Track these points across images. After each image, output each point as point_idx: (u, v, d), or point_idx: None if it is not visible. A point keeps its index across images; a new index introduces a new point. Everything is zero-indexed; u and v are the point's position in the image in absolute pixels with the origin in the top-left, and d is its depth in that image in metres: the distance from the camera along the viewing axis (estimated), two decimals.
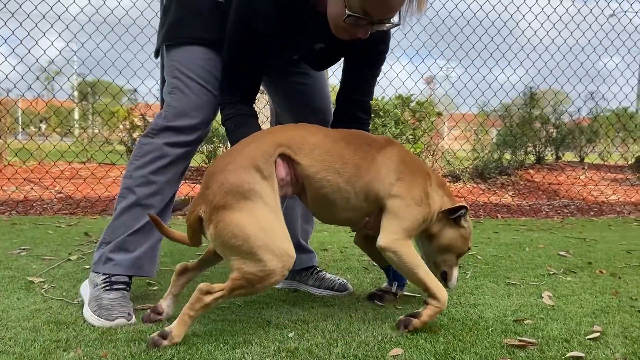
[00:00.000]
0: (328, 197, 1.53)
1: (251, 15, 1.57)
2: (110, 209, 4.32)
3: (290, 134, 1.52)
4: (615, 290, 1.96)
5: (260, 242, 1.36)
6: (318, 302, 1.80)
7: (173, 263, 2.33)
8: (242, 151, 1.46)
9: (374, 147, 1.59)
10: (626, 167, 7.69)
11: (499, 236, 3.31)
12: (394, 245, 1.52)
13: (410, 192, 1.56)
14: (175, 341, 1.37)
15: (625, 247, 2.90)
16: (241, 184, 1.39)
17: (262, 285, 1.39)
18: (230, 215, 1.36)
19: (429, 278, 1.54)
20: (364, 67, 1.80)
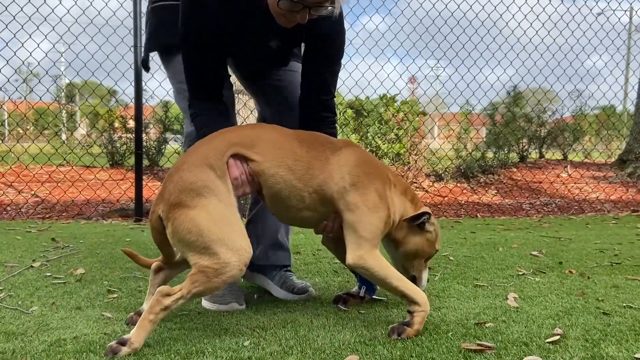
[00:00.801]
0: (282, 194, 1.54)
1: (197, 16, 1.60)
2: (86, 212, 4.26)
3: (244, 133, 1.56)
4: (582, 291, 1.95)
5: (214, 236, 1.38)
6: (281, 308, 1.77)
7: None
8: (196, 151, 1.51)
9: (329, 149, 1.58)
10: (609, 165, 7.75)
11: (475, 236, 3.30)
12: (362, 262, 1.52)
13: (365, 199, 1.54)
14: (134, 347, 1.34)
15: (599, 246, 2.90)
16: (194, 182, 1.42)
17: (220, 280, 1.39)
18: (184, 212, 1.40)
19: (405, 285, 1.52)
20: (322, 67, 1.78)
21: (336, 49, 1.78)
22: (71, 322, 1.60)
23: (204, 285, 1.39)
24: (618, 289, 1.98)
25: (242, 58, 1.87)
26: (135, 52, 3.85)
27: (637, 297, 1.87)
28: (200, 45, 1.64)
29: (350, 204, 1.54)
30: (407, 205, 1.66)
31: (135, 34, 3.83)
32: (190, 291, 1.38)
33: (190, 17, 1.63)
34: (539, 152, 8.68)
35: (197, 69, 1.68)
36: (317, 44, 1.73)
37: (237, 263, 1.39)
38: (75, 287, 1.99)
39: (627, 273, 2.24)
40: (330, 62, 1.80)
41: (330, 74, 1.82)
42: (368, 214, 1.54)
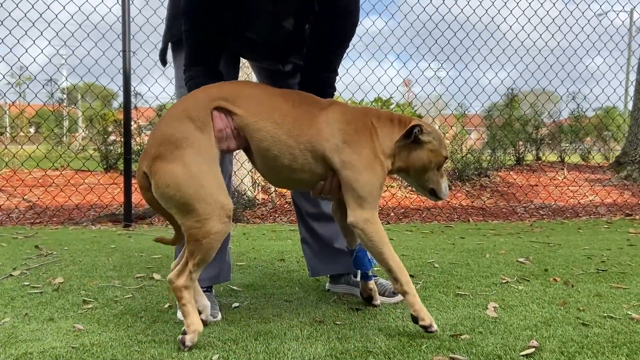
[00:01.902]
0: (271, 151, 1.52)
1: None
2: (76, 217, 4.23)
3: (227, 88, 1.54)
4: (564, 300, 1.92)
5: (192, 190, 1.39)
6: (256, 319, 1.74)
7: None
8: (178, 105, 1.52)
9: (316, 106, 1.57)
10: (606, 168, 7.71)
11: (464, 241, 3.27)
12: (364, 225, 1.53)
13: (360, 157, 1.53)
14: (193, 328, 1.44)
15: (588, 252, 2.88)
16: (173, 134, 1.42)
17: (208, 241, 1.41)
18: (164, 165, 1.41)
19: (394, 262, 1.55)
20: (330, 44, 1.75)
21: (348, 27, 1.75)
22: (41, 335, 1.57)
23: (200, 251, 1.42)
24: (601, 298, 1.95)
25: (261, 43, 1.80)
26: (124, 56, 3.83)
27: (619, 306, 1.84)
28: (206, 12, 1.60)
29: (346, 163, 1.53)
30: (395, 132, 1.60)
31: (124, 39, 3.81)
32: (193, 263, 1.44)
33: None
34: (536, 154, 8.66)
35: (198, 33, 1.64)
36: (328, 20, 1.69)
37: (217, 218, 1.40)
38: (51, 297, 1.97)
39: (612, 281, 2.21)
40: (339, 40, 1.77)
41: (338, 52, 1.80)
42: (365, 172, 1.53)
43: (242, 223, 4.23)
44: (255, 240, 3.35)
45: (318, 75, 1.79)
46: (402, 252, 2.88)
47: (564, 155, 8.35)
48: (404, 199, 5.49)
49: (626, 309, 1.81)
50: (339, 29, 1.74)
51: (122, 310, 1.82)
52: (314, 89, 1.73)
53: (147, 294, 2.03)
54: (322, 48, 1.76)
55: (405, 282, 1.55)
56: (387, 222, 4.49)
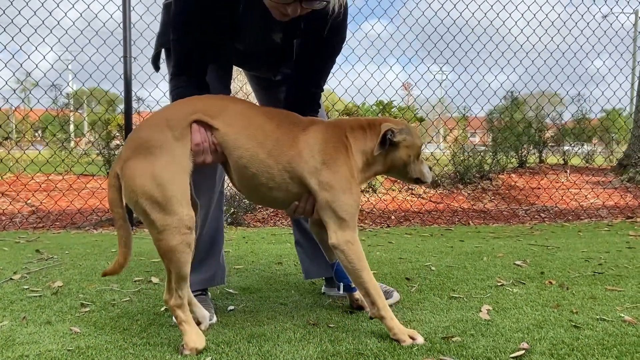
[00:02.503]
0: (249, 169, 1.52)
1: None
2: (78, 222, 4.27)
3: (211, 102, 1.55)
4: (558, 303, 1.92)
5: (153, 198, 1.39)
6: (250, 322, 1.76)
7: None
8: (159, 113, 1.53)
9: (298, 127, 1.57)
10: (609, 170, 7.68)
11: (463, 244, 3.28)
12: (344, 246, 1.54)
13: (337, 177, 1.54)
14: (191, 346, 1.44)
15: (586, 254, 2.88)
16: (149, 140, 1.43)
17: (173, 253, 1.42)
18: (133, 168, 1.41)
19: (372, 284, 1.55)
20: (317, 59, 1.78)
21: (334, 44, 1.77)
22: (38, 337, 1.60)
23: (171, 265, 1.44)
24: (595, 300, 1.96)
25: (250, 54, 1.84)
26: (125, 62, 3.87)
27: (612, 309, 1.85)
28: (192, 21, 1.62)
29: (325, 184, 1.53)
30: (367, 144, 1.60)
31: (125, 45, 3.85)
32: (174, 280, 1.46)
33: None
34: (539, 157, 8.64)
35: (185, 44, 1.66)
36: (315, 36, 1.71)
37: (175, 229, 1.41)
38: (49, 301, 1.99)
39: (608, 283, 2.22)
40: (326, 56, 1.80)
41: (324, 67, 1.82)
42: (342, 193, 1.53)
43: (243, 227, 4.25)
44: (254, 244, 3.37)
45: (305, 90, 1.80)
46: (399, 255, 2.89)
47: (567, 157, 8.34)
48: (404, 202, 5.50)
49: (619, 311, 1.81)
50: (326, 45, 1.75)
51: (119, 313, 1.85)
52: (299, 104, 1.76)
53: (144, 297, 2.06)
54: (309, 63, 1.77)
55: (382, 307, 1.55)
56: (388, 225, 4.51)
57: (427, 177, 1.69)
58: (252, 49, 1.79)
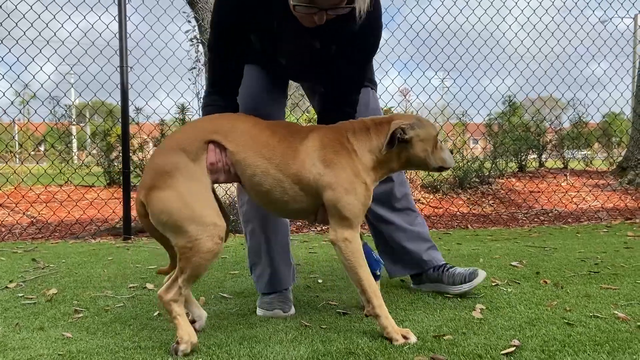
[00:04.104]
0: (263, 185, 1.57)
1: (235, 6, 1.66)
2: (77, 232, 4.28)
3: (221, 122, 1.60)
4: (552, 301, 1.92)
5: (184, 214, 1.45)
6: (243, 324, 1.76)
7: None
8: (172, 137, 1.60)
9: (297, 138, 1.60)
10: (609, 173, 7.67)
11: (460, 247, 3.27)
12: (341, 243, 1.57)
13: (340, 178, 1.56)
14: (185, 340, 1.46)
15: (583, 255, 2.87)
16: (166, 164, 1.50)
17: (198, 259, 1.47)
18: (158, 194, 1.48)
19: (368, 282, 1.57)
20: (353, 63, 1.80)
21: (368, 46, 1.80)
22: (30, 343, 1.60)
23: (190, 268, 1.47)
24: (589, 299, 1.95)
25: (294, 65, 1.87)
26: (122, 72, 3.90)
27: (606, 306, 1.84)
28: (229, 38, 1.69)
29: (328, 185, 1.56)
30: (373, 143, 1.61)
31: (121, 55, 3.88)
32: (183, 279, 1.49)
33: (224, 7, 1.68)
34: (539, 161, 8.64)
35: (218, 63, 1.74)
36: (350, 39, 1.74)
37: (208, 238, 1.46)
38: (43, 308, 2.00)
39: (603, 282, 2.21)
40: (361, 58, 1.82)
41: (360, 70, 1.84)
42: (345, 194, 1.55)
43: (241, 234, 4.24)
44: None
45: (342, 92, 1.82)
46: None
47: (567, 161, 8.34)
48: None
49: (613, 309, 1.81)
50: (358, 48, 1.77)
51: (112, 318, 1.85)
52: (335, 107, 1.80)
53: (138, 302, 2.06)
54: (345, 66, 1.79)
55: (378, 305, 1.56)
56: None
57: (450, 163, 1.68)
58: (295, 59, 1.83)
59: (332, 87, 1.82)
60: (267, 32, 1.71)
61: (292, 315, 1.85)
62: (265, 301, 1.90)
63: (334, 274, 2.53)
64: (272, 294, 1.95)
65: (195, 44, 6.04)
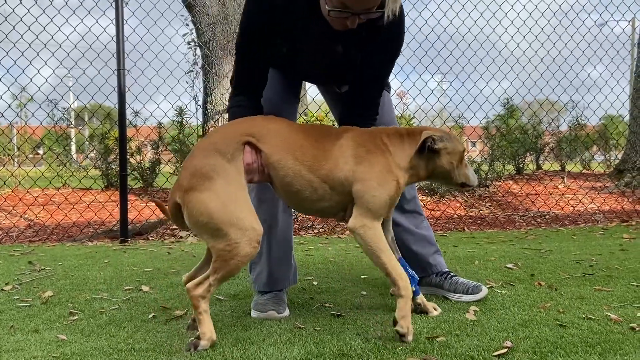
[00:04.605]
0: (294, 186, 1.61)
1: (263, 11, 1.70)
2: (74, 234, 4.28)
3: (255, 124, 1.64)
4: (546, 303, 1.92)
5: (224, 218, 1.48)
6: (237, 326, 1.76)
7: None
8: (208, 139, 1.64)
9: (330, 140, 1.65)
10: (607, 175, 7.69)
11: (456, 249, 3.28)
12: (362, 230, 1.60)
13: (372, 173, 1.60)
14: (207, 336, 1.51)
15: (578, 257, 2.88)
16: (203, 166, 1.53)
17: (236, 262, 1.50)
18: (196, 195, 1.50)
19: (391, 264, 1.60)
20: (376, 66, 1.83)
21: (391, 51, 1.84)
22: (25, 345, 1.61)
23: (224, 269, 1.50)
24: (583, 300, 1.96)
25: (312, 68, 1.91)
26: (119, 75, 3.91)
27: (599, 308, 1.85)
28: (258, 40, 1.73)
29: (358, 178, 1.60)
30: (406, 149, 1.66)
31: (118, 58, 3.89)
32: (215, 277, 1.52)
33: (255, 9, 1.72)
34: (536, 163, 8.66)
35: (246, 64, 1.77)
36: (373, 44, 1.78)
37: (247, 242, 1.49)
38: (38, 310, 2.00)
39: (597, 284, 2.22)
40: (383, 63, 1.86)
41: (382, 74, 1.88)
42: (375, 187, 1.60)
43: None
44: None
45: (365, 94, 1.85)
46: None
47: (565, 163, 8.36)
48: None
49: (606, 310, 1.81)
50: (383, 52, 1.81)
51: (107, 320, 1.85)
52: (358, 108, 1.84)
53: (133, 305, 2.06)
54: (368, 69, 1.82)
55: (403, 287, 1.60)
56: None
57: (473, 181, 1.74)
58: (315, 62, 1.86)
59: (354, 91, 1.86)
60: (289, 34, 1.75)
61: (287, 317, 1.86)
62: (260, 302, 1.91)
63: (329, 276, 2.54)
64: (267, 294, 1.96)
65: (192, 47, 6.09)
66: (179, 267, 2.79)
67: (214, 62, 4.90)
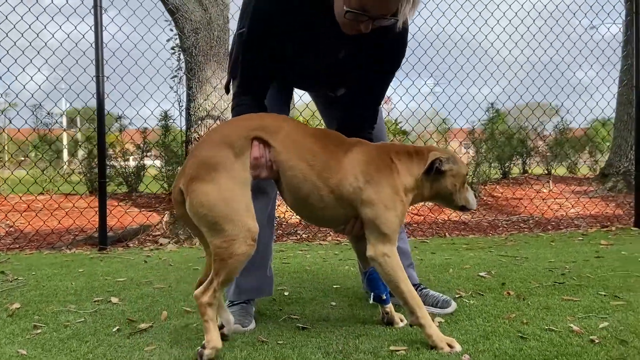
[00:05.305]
0: (301, 189, 1.61)
1: (266, 12, 1.71)
2: (54, 242, 4.25)
3: (267, 120, 1.64)
4: (511, 314, 1.93)
5: (223, 212, 1.48)
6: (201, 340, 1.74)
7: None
8: (219, 130, 1.64)
9: (341, 149, 1.65)
10: (592, 179, 7.75)
11: (434, 257, 3.29)
12: (381, 258, 1.62)
13: (380, 195, 1.61)
14: (212, 345, 1.50)
15: (552, 264, 2.89)
16: (211, 157, 1.53)
17: (233, 261, 1.50)
18: (200, 185, 1.50)
19: (410, 294, 1.62)
20: (377, 75, 1.86)
21: (394, 61, 1.86)
22: None
23: (224, 270, 1.50)
24: (548, 311, 1.97)
25: (310, 72, 1.91)
26: (97, 81, 3.89)
27: (563, 319, 1.86)
28: (261, 41, 1.74)
29: (368, 201, 1.61)
30: (414, 168, 1.69)
31: (97, 64, 3.87)
32: (218, 282, 1.52)
33: (259, 13, 1.73)
34: (522, 167, 8.71)
35: (251, 64, 1.77)
36: (377, 53, 1.80)
37: (243, 239, 1.49)
38: (3, 323, 1.98)
39: (566, 293, 2.23)
40: (385, 72, 1.88)
41: (383, 83, 1.90)
42: (385, 210, 1.61)
43: None
44: None
45: (364, 104, 1.88)
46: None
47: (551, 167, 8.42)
48: None
49: (570, 322, 1.82)
50: (384, 62, 1.84)
51: (70, 334, 1.83)
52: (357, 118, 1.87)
53: (99, 317, 2.04)
54: (368, 78, 1.85)
55: (422, 316, 1.61)
56: None
57: (472, 204, 1.78)
58: (314, 66, 1.86)
59: (355, 98, 1.87)
60: (293, 36, 1.75)
61: (252, 330, 1.85)
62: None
63: (302, 285, 2.53)
64: (235, 305, 1.95)
65: (177, 52, 6.07)
66: (153, 277, 2.77)
67: (196, 67, 4.88)
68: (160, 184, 6.21)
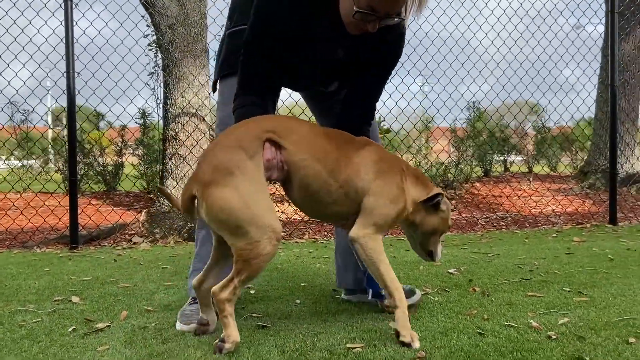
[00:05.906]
0: (312, 187, 1.61)
1: (271, 12, 1.72)
2: (25, 240, 4.17)
3: (279, 122, 1.65)
4: (473, 310, 1.93)
5: (245, 215, 1.47)
6: (157, 339, 1.72)
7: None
8: (231, 133, 1.61)
9: (352, 147, 1.67)
10: (571, 177, 7.83)
11: (407, 254, 3.28)
12: (362, 239, 1.63)
13: (386, 189, 1.64)
14: (232, 339, 1.52)
15: (522, 261, 2.90)
16: (227, 161, 1.51)
17: (257, 262, 1.49)
18: (217, 190, 1.48)
19: (390, 277, 1.63)
20: (374, 75, 1.87)
21: (392, 60, 1.87)
22: None
23: (247, 270, 1.49)
24: (511, 307, 1.97)
25: (306, 70, 1.89)
26: (68, 77, 3.82)
27: (523, 315, 1.86)
28: (264, 41, 1.73)
29: (372, 191, 1.64)
30: (419, 190, 1.73)
31: (67, 60, 3.81)
32: (239, 279, 1.51)
33: (263, 12, 1.72)
34: (504, 165, 8.78)
35: (254, 64, 1.75)
36: (374, 56, 1.81)
37: (267, 241, 1.48)
38: None
39: (531, 289, 2.24)
40: (383, 71, 1.89)
41: (380, 82, 1.92)
42: (385, 203, 1.64)
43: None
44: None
45: (361, 103, 1.90)
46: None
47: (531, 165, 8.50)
48: None
49: (530, 317, 1.82)
50: (382, 62, 1.85)
51: (24, 334, 1.79)
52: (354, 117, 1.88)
53: (57, 317, 2.00)
54: (366, 78, 1.86)
55: (399, 299, 1.62)
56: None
57: (439, 256, 1.82)
58: (312, 65, 1.85)
59: (353, 98, 1.89)
60: (291, 37, 1.75)
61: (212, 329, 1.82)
62: (185, 314, 1.87)
63: (270, 283, 2.51)
64: (195, 304, 1.92)
65: (154, 48, 6.00)
66: (119, 276, 2.73)
67: (172, 64, 4.82)
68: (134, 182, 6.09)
